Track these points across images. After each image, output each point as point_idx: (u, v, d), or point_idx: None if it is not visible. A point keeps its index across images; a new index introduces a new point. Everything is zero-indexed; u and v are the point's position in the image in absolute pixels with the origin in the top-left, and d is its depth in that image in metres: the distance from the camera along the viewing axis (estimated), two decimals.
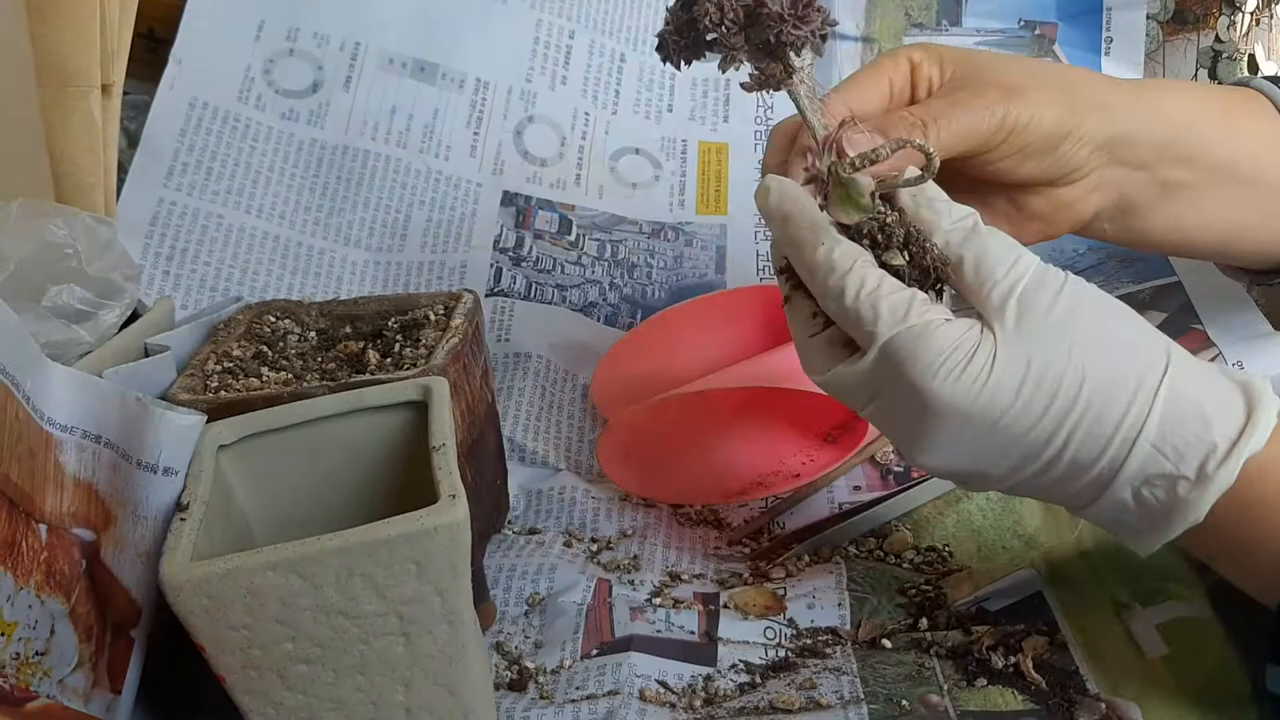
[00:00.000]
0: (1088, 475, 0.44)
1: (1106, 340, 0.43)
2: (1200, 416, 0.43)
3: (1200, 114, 0.56)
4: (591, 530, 0.68)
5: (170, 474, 0.46)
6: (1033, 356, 0.43)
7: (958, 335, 0.43)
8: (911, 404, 0.44)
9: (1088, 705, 0.49)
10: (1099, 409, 0.43)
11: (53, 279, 0.53)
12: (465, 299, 0.61)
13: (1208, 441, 0.42)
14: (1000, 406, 0.43)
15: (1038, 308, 0.43)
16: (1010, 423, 0.43)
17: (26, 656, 0.40)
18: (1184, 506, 0.43)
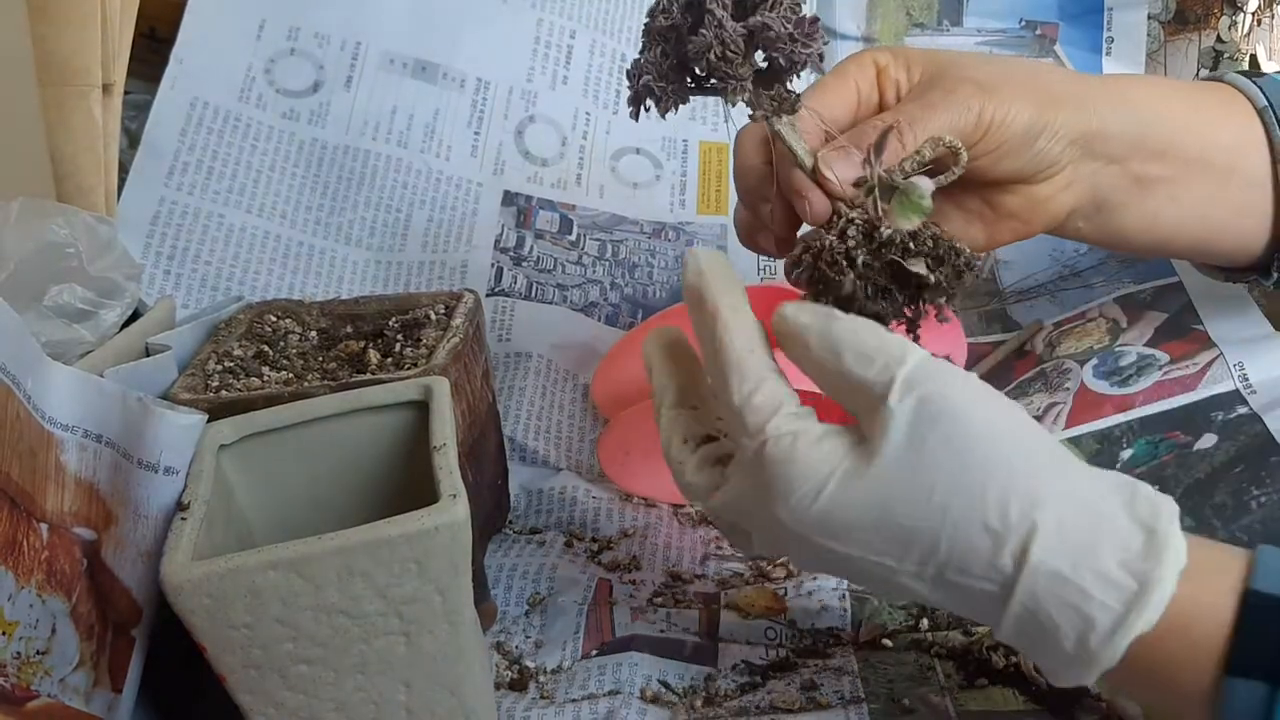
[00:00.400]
0: (972, 614, 0.41)
1: (978, 478, 0.38)
2: (1077, 587, 0.38)
3: (1172, 107, 0.55)
4: (592, 530, 0.68)
5: (171, 473, 0.46)
6: (892, 496, 0.39)
7: (817, 461, 0.40)
8: (769, 525, 0.42)
9: (1088, 705, 0.49)
10: (961, 560, 0.39)
11: (54, 278, 0.53)
12: (466, 299, 0.61)
13: (1086, 616, 0.38)
14: (855, 541, 0.40)
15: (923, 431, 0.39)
16: (867, 558, 0.40)
17: (28, 655, 0.40)
18: (1068, 673, 0.39)
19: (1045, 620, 0.38)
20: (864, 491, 0.39)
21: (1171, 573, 0.37)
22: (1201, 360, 0.64)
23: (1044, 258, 0.82)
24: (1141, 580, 0.37)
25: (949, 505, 0.39)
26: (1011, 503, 0.38)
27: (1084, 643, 0.38)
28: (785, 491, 0.40)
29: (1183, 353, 0.66)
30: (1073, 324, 0.73)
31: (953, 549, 0.39)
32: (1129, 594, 0.37)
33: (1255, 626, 0.38)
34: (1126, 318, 0.71)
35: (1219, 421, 0.60)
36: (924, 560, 0.39)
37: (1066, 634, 0.38)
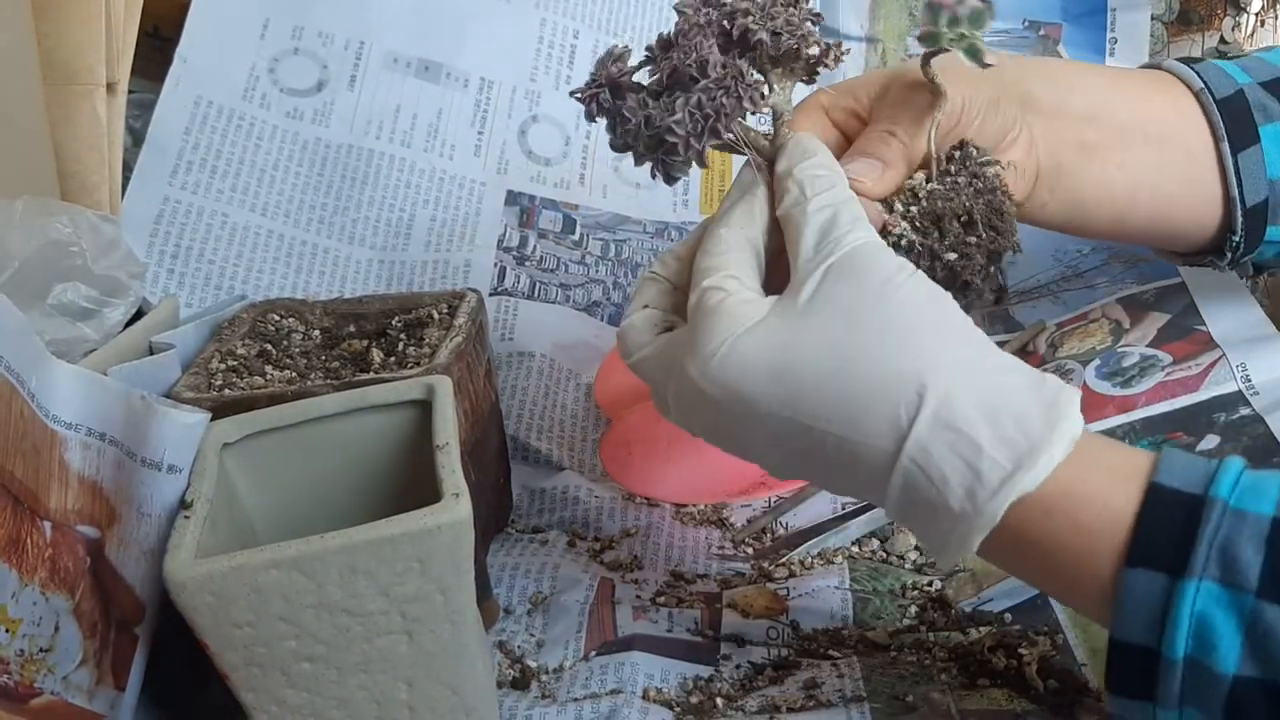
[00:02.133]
0: (855, 483, 0.42)
1: (879, 336, 0.40)
2: (968, 439, 0.39)
3: (1095, 81, 0.57)
4: (594, 529, 0.68)
5: (174, 472, 0.46)
6: (794, 344, 0.41)
7: (737, 314, 0.42)
8: (683, 380, 0.43)
9: (1090, 705, 0.49)
10: (851, 413, 0.40)
11: (58, 277, 0.53)
12: (469, 298, 0.61)
13: (975, 470, 0.39)
14: (749, 394, 0.41)
15: (832, 288, 0.41)
16: (760, 412, 0.41)
17: (31, 653, 0.40)
18: (954, 538, 0.40)
19: (935, 475, 0.39)
20: (767, 337, 0.41)
21: (1064, 441, 0.39)
22: (1204, 361, 0.64)
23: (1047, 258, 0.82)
24: (1033, 442, 0.39)
25: (854, 356, 0.40)
26: (915, 359, 0.40)
27: (971, 497, 0.39)
28: (701, 342, 0.42)
29: (1185, 354, 0.66)
30: (1075, 325, 0.73)
31: (851, 403, 0.40)
32: (1018, 451, 0.39)
33: (1156, 518, 0.38)
34: (1129, 318, 0.71)
35: (1222, 422, 0.60)
36: (817, 417, 0.40)
37: (954, 489, 0.39)
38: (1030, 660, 0.51)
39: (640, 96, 0.45)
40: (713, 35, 0.45)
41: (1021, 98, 0.54)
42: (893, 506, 0.41)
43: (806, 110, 0.53)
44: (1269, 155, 0.56)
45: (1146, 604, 0.38)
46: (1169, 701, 0.38)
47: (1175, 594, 0.37)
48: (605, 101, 0.46)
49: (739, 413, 0.42)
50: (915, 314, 0.41)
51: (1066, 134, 0.54)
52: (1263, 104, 0.57)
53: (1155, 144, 0.56)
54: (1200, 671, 0.37)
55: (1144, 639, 0.38)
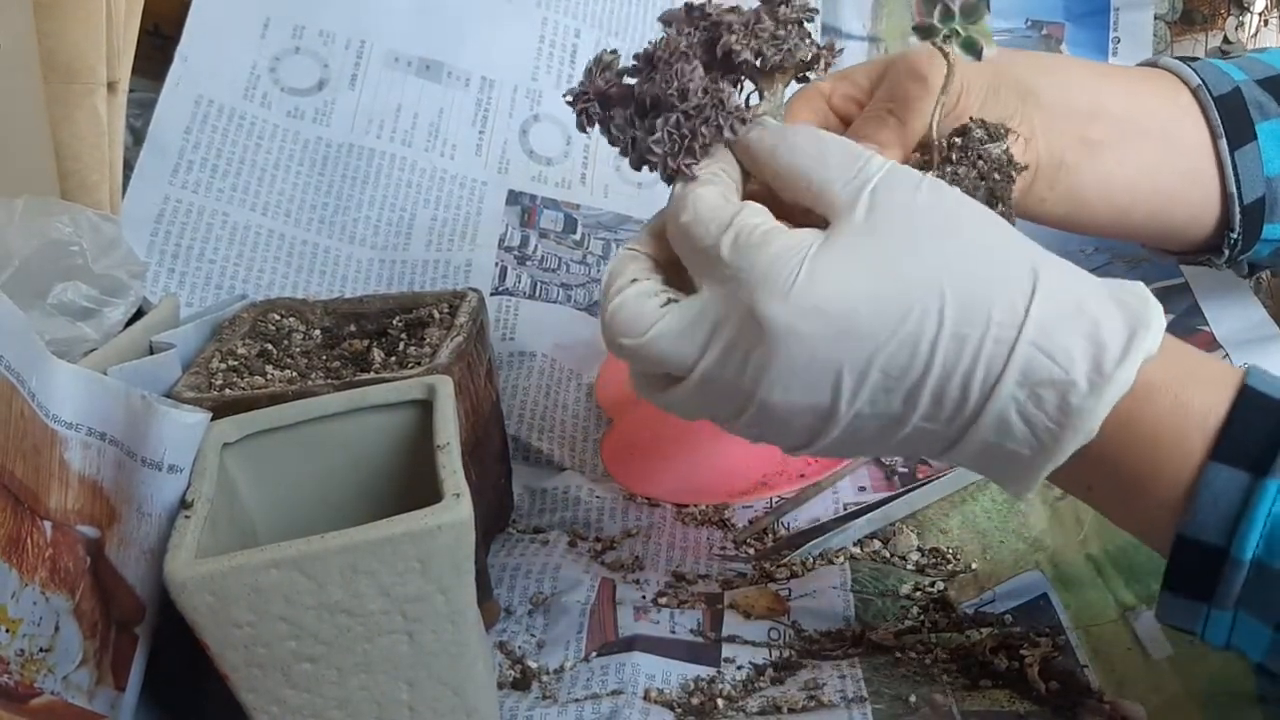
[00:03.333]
0: (958, 393, 0.39)
1: (970, 235, 0.40)
2: (1087, 314, 0.39)
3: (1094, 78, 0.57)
4: (595, 530, 0.67)
5: (175, 471, 0.46)
6: (882, 249, 0.39)
7: (794, 240, 0.40)
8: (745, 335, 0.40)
9: (1092, 706, 0.49)
10: (966, 303, 0.38)
11: (58, 276, 0.53)
12: (470, 298, 0.61)
13: (1098, 341, 0.38)
14: (845, 312, 0.39)
15: (892, 200, 0.40)
16: (861, 331, 0.39)
17: (31, 653, 0.40)
18: (1076, 419, 0.38)
19: (1059, 353, 0.38)
20: (847, 251, 0.39)
21: (1158, 313, 0.39)
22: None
23: None
24: (1139, 313, 0.39)
25: (957, 253, 0.39)
26: (1020, 248, 0.40)
27: (1098, 368, 0.38)
28: (770, 274, 0.39)
29: None
30: None
31: (963, 297, 0.39)
32: (1131, 321, 0.39)
33: (1245, 417, 0.39)
34: None
35: None
36: (922, 321, 0.39)
37: (1078, 364, 0.38)
38: (1032, 662, 0.51)
39: (628, 113, 0.45)
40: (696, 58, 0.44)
41: (1022, 91, 0.53)
42: (995, 414, 0.39)
43: (807, 97, 0.52)
44: (1266, 152, 0.56)
45: (1224, 500, 0.38)
46: (1225, 602, 0.38)
47: (1255, 494, 0.37)
48: (595, 114, 0.45)
49: (826, 345, 0.39)
50: (994, 222, 0.41)
51: (1069, 129, 0.54)
52: (1259, 101, 0.57)
53: (1154, 140, 0.56)
54: (1265, 574, 0.37)
55: (1214, 537, 0.38)
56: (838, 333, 0.39)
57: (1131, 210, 0.56)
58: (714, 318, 0.41)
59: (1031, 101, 0.53)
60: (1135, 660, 0.51)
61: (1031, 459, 0.40)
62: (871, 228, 0.40)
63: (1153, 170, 0.56)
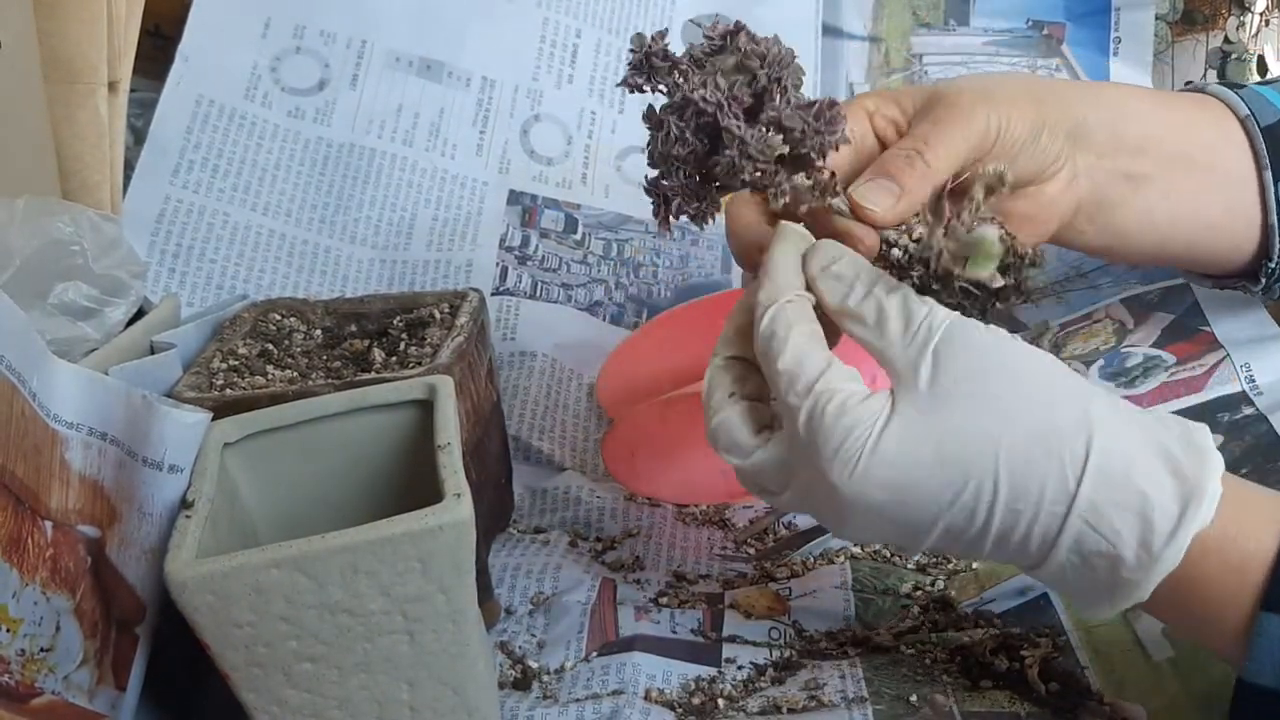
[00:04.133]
0: (1018, 547, 0.42)
1: (1024, 402, 0.41)
2: (1137, 490, 0.40)
3: (1143, 106, 0.56)
4: (596, 530, 0.67)
5: (175, 471, 0.46)
6: (943, 422, 0.41)
7: (864, 415, 0.42)
8: (822, 489, 0.43)
9: (1092, 708, 0.49)
10: (1019, 481, 0.40)
11: (59, 276, 0.53)
12: (471, 298, 0.61)
13: (1147, 519, 0.39)
14: (908, 485, 0.41)
15: (952, 366, 0.41)
16: (923, 502, 0.41)
17: (32, 653, 0.40)
18: (1126, 587, 0.41)
19: (1107, 530, 0.40)
20: (908, 429, 0.41)
21: (1216, 477, 0.40)
22: (1208, 361, 0.64)
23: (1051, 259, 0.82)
24: (1193, 482, 0.39)
25: (1007, 428, 0.40)
26: (1069, 417, 0.40)
27: (1146, 546, 0.39)
28: (835, 452, 0.42)
29: (1189, 354, 0.65)
30: (1079, 325, 0.73)
31: (1015, 473, 0.40)
32: (1184, 495, 0.39)
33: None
34: (1133, 319, 0.71)
35: (1225, 422, 0.60)
36: (981, 493, 0.41)
37: (1127, 541, 0.40)
38: (1032, 663, 0.51)
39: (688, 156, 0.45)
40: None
41: (1072, 128, 0.53)
42: (1055, 567, 0.42)
43: (851, 111, 0.52)
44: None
45: (1279, 647, 0.39)
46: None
47: None
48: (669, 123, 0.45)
49: (894, 509, 0.42)
50: (1048, 374, 0.42)
51: (1115, 166, 0.54)
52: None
53: (1200, 171, 0.56)
54: None
55: (1273, 681, 0.39)
56: (901, 501, 0.42)
57: (1171, 241, 0.57)
58: (794, 465, 0.45)
59: (1081, 139, 0.53)
60: (1136, 661, 0.51)
61: (1092, 605, 0.42)
62: (933, 399, 0.41)
63: (1197, 202, 0.56)
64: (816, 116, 0.44)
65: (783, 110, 0.43)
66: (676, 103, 0.44)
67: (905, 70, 0.93)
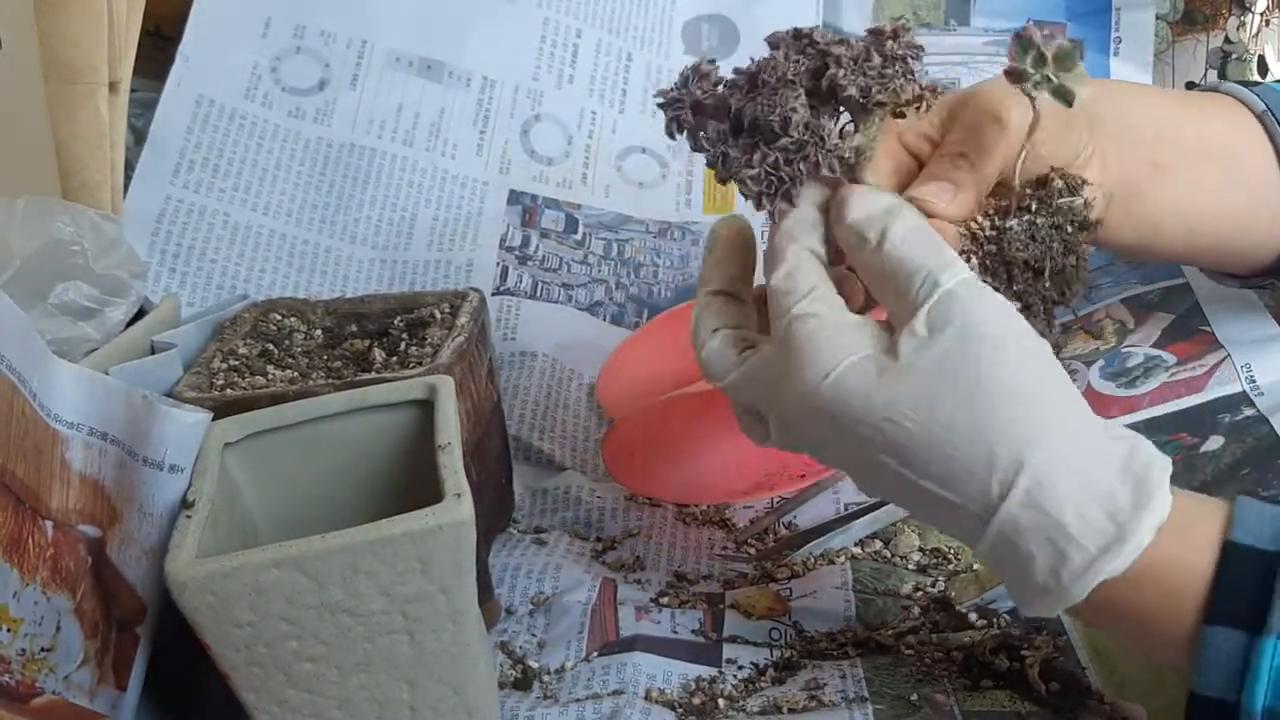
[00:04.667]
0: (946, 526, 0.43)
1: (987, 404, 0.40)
2: (1056, 523, 0.40)
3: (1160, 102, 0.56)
4: (596, 530, 0.67)
5: (176, 471, 0.46)
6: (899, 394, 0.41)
7: (838, 341, 0.42)
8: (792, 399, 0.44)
9: (1093, 707, 0.49)
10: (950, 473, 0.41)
11: (59, 276, 0.53)
12: (471, 298, 0.61)
13: (1061, 552, 0.40)
14: (855, 425, 0.42)
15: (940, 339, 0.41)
16: (867, 446, 0.42)
17: (32, 653, 0.40)
18: (1037, 603, 0.41)
19: (1021, 548, 0.40)
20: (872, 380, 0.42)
21: (1149, 527, 0.39)
22: (1209, 362, 0.64)
23: None
24: (1120, 528, 0.39)
25: (955, 422, 0.40)
26: (1012, 436, 0.40)
27: (1055, 575, 0.40)
28: (799, 366, 0.43)
29: (1189, 354, 0.65)
30: (1079, 325, 0.73)
31: (948, 466, 0.41)
32: (1106, 538, 0.39)
33: (1233, 577, 0.40)
34: (1133, 319, 0.71)
35: (1226, 423, 0.60)
36: (912, 465, 0.41)
37: (1040, 565, 0.40)
38: (1033, 663, 0.51)
39: (722, 129, 0.45)
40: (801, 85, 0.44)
41: (1088, 120, 0.53)
42: (981, 557, 0.43)
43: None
44: None
45: (1226, 659, 0.39)
46: None
47: (1254, 651, 0.38)
48: (686, 121, 0.45)
49: (845, 436, 0.43)
50: (1017, 380, 0.41)
51: (1138, 154, 0.54)
52: None
53: (1221, 165, 0.56)
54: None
55: (1224, 693, 0.39)
56: (849, 438, 0.43)
57: (1199, 235, 0.56)
58: (775, 374, 0.45)
59: (1099, 131, 0.53)
60: (1136, 662, 0.51)
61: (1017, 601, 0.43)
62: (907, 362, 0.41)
63: (1219, 195, 0.56)
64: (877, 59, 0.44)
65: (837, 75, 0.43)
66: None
67: None
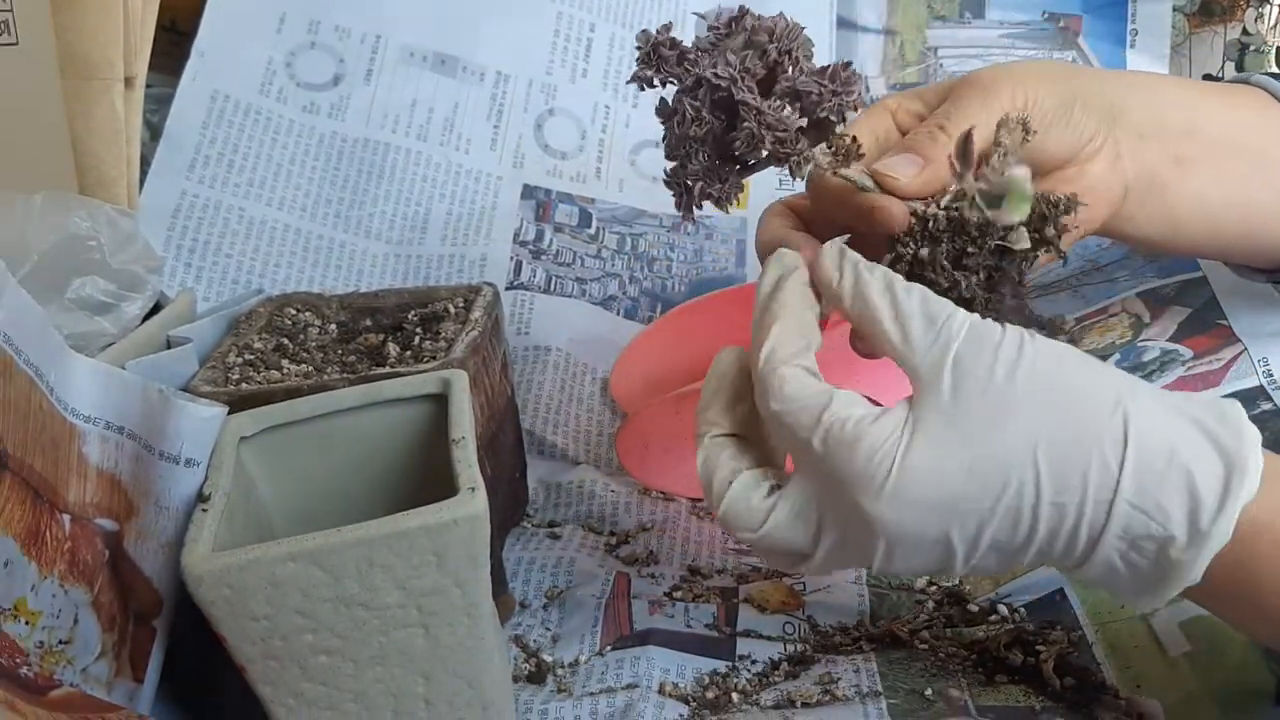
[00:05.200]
0: (1065, 545, 0.41)
1: (1056, 395, 0.40)
2: (1180, 466, 0.39)
3: (1190, 93, 0.56)
4: (610, 524, 0.68)
5: (192, 465, 0.46)
6: (972, 429, 0.40)
7: (884, 432, 0.40)
8: (855, 525, 0.41)
9: (1108, 702, 0.49)
10: (1061, 470, 0.39)
11: (76, 271, 0.53)
12: (485, 292, 0.61)
13: (1194, 495, 0.39)
14: (945, 499, 0.40)
15: (977, 369, 0.40)
16: (963, 510, 0.40)
17: (50, 645, 0.40)
18: (1178, 568, 0.40)
19: (1154, 510, 0.39)
20: (936, 444, 0.40)
21: (1257, 448, 0.39)
22: (1225, 356, 0.63)
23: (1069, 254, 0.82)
24: (1234, 455, 0.39)
25: (1044, 424, 0.39)
26: (1101, 406, 0.39)
27: (1195, 521, 0.39)
28: (862, 471, 0.40)
29: (1206, 348, 0.65)
30: (1095, 319, 0.73)
31: (1055, 467, 0.39)
32: (1226, 466, 0.39)
33: None
34: (1149, 313, 0.70)
35: None
36: (1023, 495, 0.40)
37: (1176, 519, 0.39)
38: (1047, 658, 0.51)
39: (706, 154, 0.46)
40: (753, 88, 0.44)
41: (1108, 109, 0.52)
42: (1102, 561, 0.41)
43: (874, 113, 0.52)
44: None
45: None
46: None
47: None
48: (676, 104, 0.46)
49: (934, 526, 0.41)
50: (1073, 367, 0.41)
51: (1161, 148, 0.53)
52: None
53: (1250, 157, 0.55)
54: None
55: None
56: (941, 516, 0.40)
57: (1224, 229, 0.56)
58: (820, 508, 0.42)
59: (1121, 122, 0.52)
60: (1152, 657, 0.51)
61: (1141, 594, 0.41)
62: (957, 406, 0.40)
63: (1247, 187, 0.55)
64: (831, 79, 0.43)
65: (796, 78, 0.43)
66: (689, 84, 0.44)
67: (920, 63, 0.92)
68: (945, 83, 0.53)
